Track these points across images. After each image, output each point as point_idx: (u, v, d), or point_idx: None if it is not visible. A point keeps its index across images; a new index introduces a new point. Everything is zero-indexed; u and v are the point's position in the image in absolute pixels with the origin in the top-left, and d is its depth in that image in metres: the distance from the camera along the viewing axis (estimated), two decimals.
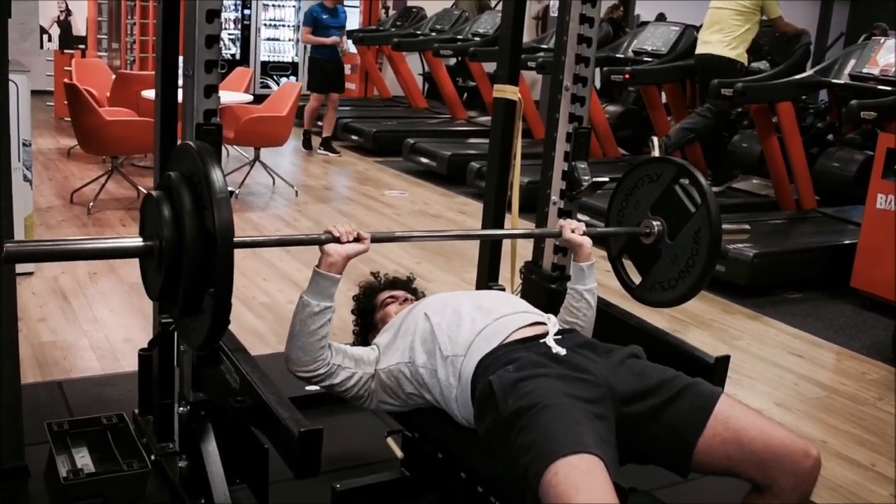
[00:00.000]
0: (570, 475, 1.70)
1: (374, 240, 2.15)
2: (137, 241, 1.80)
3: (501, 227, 3.13)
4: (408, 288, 2.71)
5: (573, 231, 2.50)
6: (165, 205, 1.75)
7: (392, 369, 2.23)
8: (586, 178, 2.82)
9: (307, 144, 9.03)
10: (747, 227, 2.83)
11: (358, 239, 2.12)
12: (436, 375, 2.17)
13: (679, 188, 2.50)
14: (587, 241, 2.50)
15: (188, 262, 1.70)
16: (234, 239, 1.71)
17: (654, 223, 2.56)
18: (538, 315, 2.29)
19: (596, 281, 2.54)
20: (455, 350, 2.15)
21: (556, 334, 2.16)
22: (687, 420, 1.98)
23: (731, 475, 1.99)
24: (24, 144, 4.19)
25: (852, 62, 6.29)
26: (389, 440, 2.61)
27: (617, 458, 1.86)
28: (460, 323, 2.19)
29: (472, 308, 2.24)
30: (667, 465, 2.05)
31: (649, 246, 2.58)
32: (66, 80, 7.04)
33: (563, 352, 2.08)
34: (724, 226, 2.44)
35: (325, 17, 8.47)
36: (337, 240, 2.09)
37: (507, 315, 2.22)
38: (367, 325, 2.61)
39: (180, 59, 2.36)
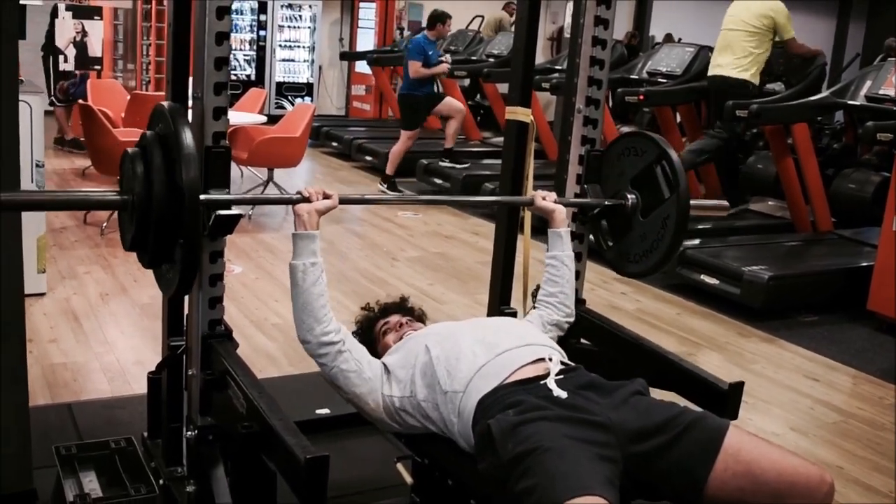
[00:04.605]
0: None
1: (342, 200, 2.23)
2: (115, 195, 1.95)
3: (514, 249, 3.10)
4: (401, 310, 2.67)
5: (544, 199, 2.57)
6: (139, 162, 1.90)
7: (395, 400, 2.21)
8: (598, 201, 2.79)
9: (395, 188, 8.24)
10: (726, 203, 2.86)
11: (327, 198, 2.19)
12: (437, 409, 2.14)
13: (660, 170, 2.55)
14: (560, 207, 2.59)
15: (156, 215, 1.86)
16: (202, 197, 1.89)
17: (630, 197, 2.64)
18: (542, 347, 2.23)
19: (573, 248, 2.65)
20: (454, 386, 2.12)
21: (557, 374, 2.11)
22: (696, 455, 1.93)
23: None
24: (37, 165, 4.20)
25: (868, 83, 6.26)
26: (399, 466, 2.57)
27: (619, 499, 1.82)
28: (460, 357, 2.15)
29: (473, 341, 2.20)
30: (678, 501, 2.00)
31: (624, 217, 2.66)
32: (80, 101, 7.08)
33: (563, 395, 2.03)
34: (702, 202, 2.48)
35: (431, 52, 8.09)
36: (307, 199, 2.17)
37: (509, 350, 2.17)
38: (375, 355, 2.58)
39: (190, 80, 2.36)
